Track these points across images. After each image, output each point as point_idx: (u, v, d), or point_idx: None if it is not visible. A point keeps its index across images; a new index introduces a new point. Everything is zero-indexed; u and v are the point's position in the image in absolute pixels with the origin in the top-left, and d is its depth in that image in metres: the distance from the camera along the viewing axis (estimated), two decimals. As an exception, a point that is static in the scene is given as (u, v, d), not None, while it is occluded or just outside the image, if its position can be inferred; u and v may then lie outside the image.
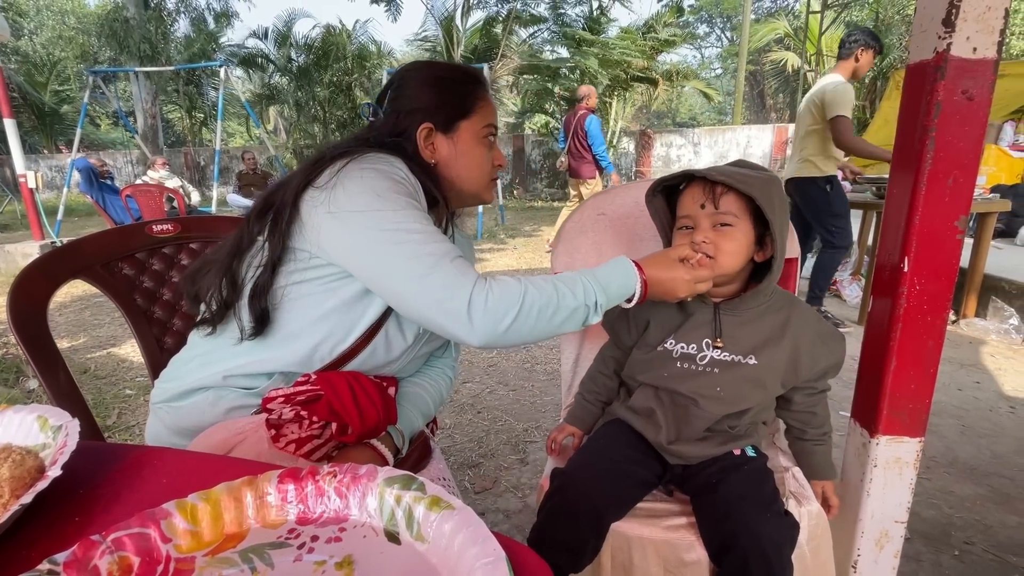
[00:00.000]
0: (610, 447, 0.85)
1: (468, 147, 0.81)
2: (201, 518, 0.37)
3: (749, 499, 0.72)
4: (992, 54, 0.68)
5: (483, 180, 0.84)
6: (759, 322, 0.82)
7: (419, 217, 0.67)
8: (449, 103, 0.79)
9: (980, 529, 1.37)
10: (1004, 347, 2.63)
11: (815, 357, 0.82)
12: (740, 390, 0.80)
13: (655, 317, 0.89)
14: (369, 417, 0.70)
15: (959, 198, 0.73)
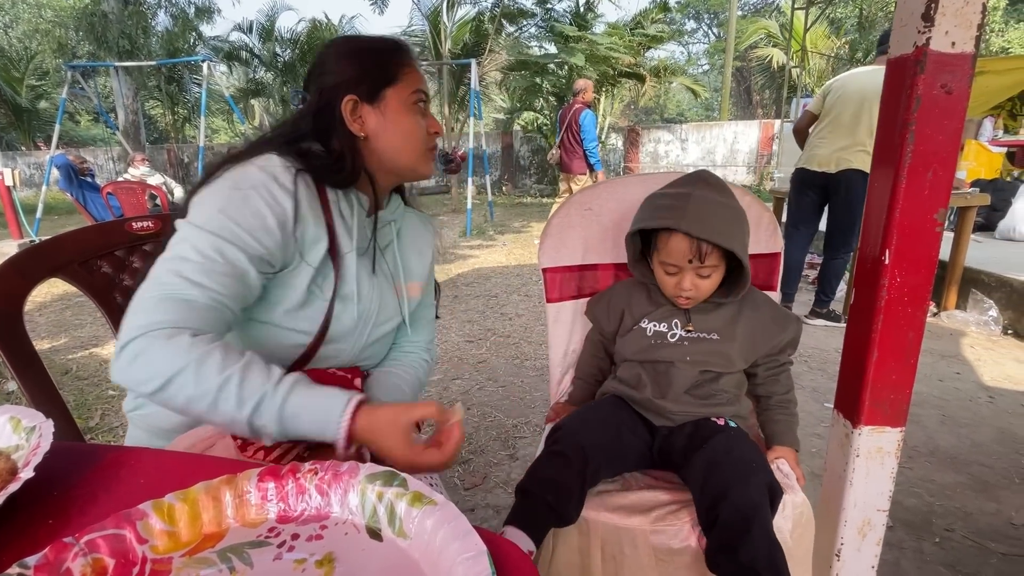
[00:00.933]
0: (601, 409, 0.92)
1: (397, 115, 0.77)
2: (178, 518, 0.36)
3: (731, 461, 0.78)
4: (970, 48, 0.69)
5: (417, 149, 0.79)
6: (720, 310, 0.94)
7: (216, 245, 0.62)
8: (372, 72, 0.76)
9: (960, 516, 1.40)
10: (983, 338, 2.68)
11: (770, 334, 0.94)
12: (706, 356, 0.92)
13: (628, 308, 1.00)
14: None
15: (938, 191, 0.74)
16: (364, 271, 0.79)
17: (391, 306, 0.85)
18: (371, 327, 0.81)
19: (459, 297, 3.78)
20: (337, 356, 0.78)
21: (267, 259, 0.67)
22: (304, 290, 0.71)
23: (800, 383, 2.24)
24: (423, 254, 0.92)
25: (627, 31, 10.08)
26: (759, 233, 1.08)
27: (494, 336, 2.95)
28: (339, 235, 0.75)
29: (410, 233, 0.91)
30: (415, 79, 0.79)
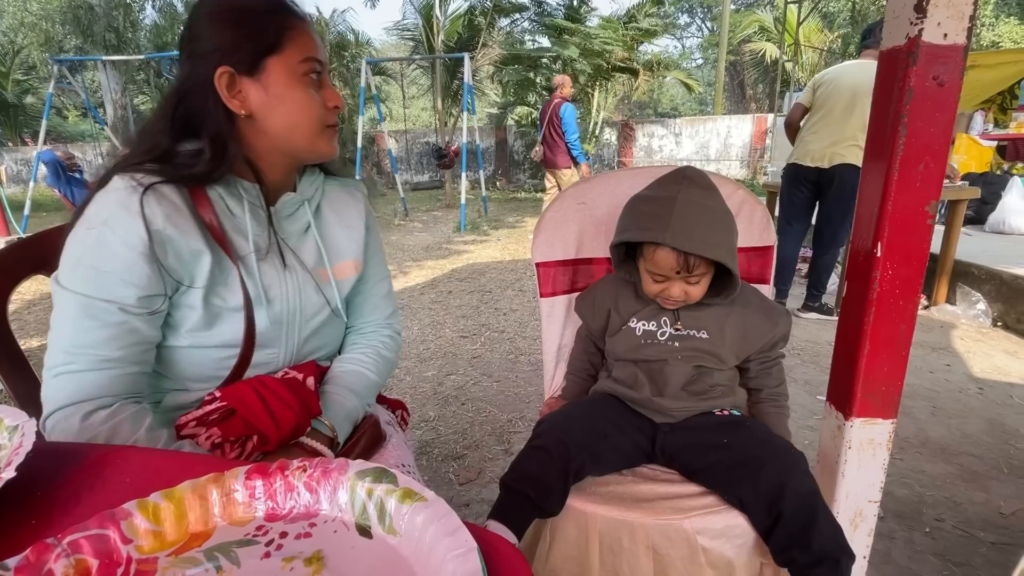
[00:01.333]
0: (591, 407, 0.92)
1: (283, 88, 0.66)
2: (164, 517, 0.35)
3: (771, 445, 0.79)
4: (962, 40, 0.69)
5: (311, 127, 0.69)
6: (709, 309, 0.92)
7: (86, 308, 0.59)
8: (249, 38, 0.64)
9: (950, 506, 1.42)
10: (973, 331, 2.71)
11: (761, 330, 0.92)
12: (696, 353, 0.91)
13: (615, 306, 0.97)
14: (285, 421, 0.65)
15: (930, 183, 0.74)
16: (272, 269, 0.71)
17: (318, 298, 0.76)
18: (298, 325, 0.75)
19: (453, 292, 3.77)
20: (271, 361, 0.73)
21: (146, 296, 0.61)
22: (201, 308, 0.65)
23: (793, 376, 2.25)
24: (352, 227, 0.81)
25: (620, 25, 10.04)
26: (752, 227, 1.08)
27: (488, 331, 2.94)
28: (230, 238, 0.67)
29: (333, 208, 0.80)
30: (305, 44, 0.67)
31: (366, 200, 0.86)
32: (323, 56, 0.70)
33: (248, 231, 0.68)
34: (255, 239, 0.69)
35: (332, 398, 0.75)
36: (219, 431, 0.63)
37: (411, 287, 3.99)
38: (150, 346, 0.65)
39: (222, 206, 0.68)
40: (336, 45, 11.50)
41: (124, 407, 0.61)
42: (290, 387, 0.67)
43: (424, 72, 12.72)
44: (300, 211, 0.76)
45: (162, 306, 0.64)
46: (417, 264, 4.76)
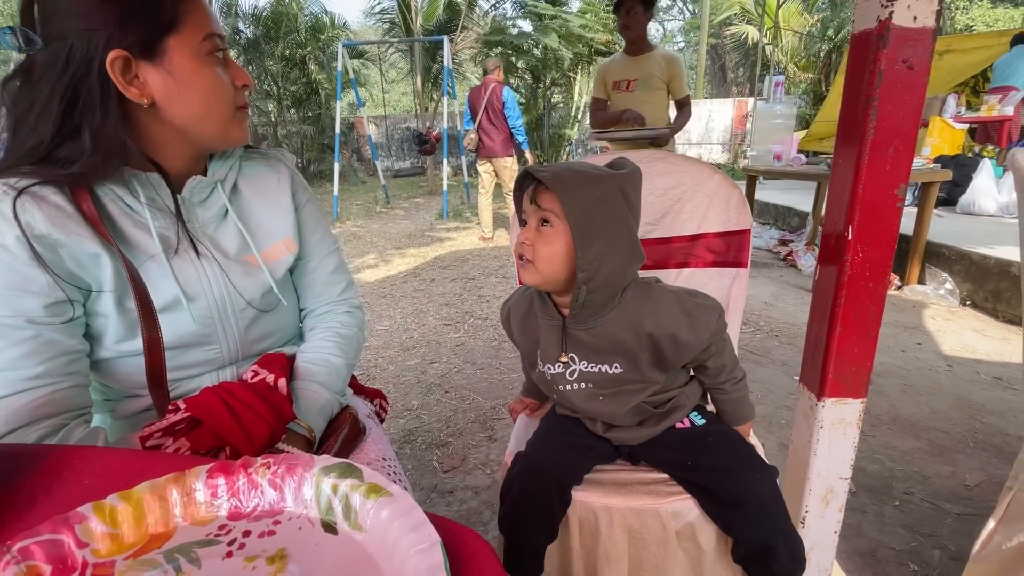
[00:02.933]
0: (565, 425, 0.88)
1: (190, 72, 0.59)
2: (121, 520, 0.34)
3: (735, 468, 0.76)
4: (931, 23, 0.69)
5: (224, 112, 0.63)
6: (604, 329, 0.75)
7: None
8: (142, 15, 0.56)
9: (919, 480, 1.47)
10: (944, 310, 2.79)
11: (680, 341, 0.75)
12: (619, 394, 0.79)
13: (521, 336, 0.86)
14: (258, 433, 0.61)
15: (899, 167, 0.75)
16: (189, 264, 0.66)
17: (250, 284, 0.71)
18: (233, 317, 0.70)
19: (436, 280, 3.74)
20: (216, 358, 0.70)
21: (53, 304, 0.57)
22: (116, 314, 0.61)
23: (771, 357, 2.30)
24: (278, 204, 0.75)
25: (602, 9, 9.94)
26: (728, 211, 1.09)
27: (472, 319, 2.94)
28: (130, 238, 0.62)
29: (253, 187, 0.74)
30: (203, 19, 0.60)
31: (292, 172, 0.79)
32: (221, 30, 0.63)
33: (152, 228, 0.62)
34: (161, 234, 0.63)
35: (301, 394, 0.71)
36: (188, 442, 0.59)
37: (393, 275, 3.96)
38: (75, 356, 0.60)
39: (120, 205, 0.62)
40: (310, 28, 11.18)
41: (72, 432, 0.58)
42: (260, 394, 0.63)
43: (403, 56, 12.47)
44: (214, 195, 0.70)
45: (76, 314, 0.60)
46: (399, 252, 4.71)
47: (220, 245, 0.69)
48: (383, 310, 3.17)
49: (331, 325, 0.81)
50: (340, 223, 6.35)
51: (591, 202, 0.68)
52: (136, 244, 0.62)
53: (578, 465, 0.82)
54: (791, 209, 4.79)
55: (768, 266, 3.78)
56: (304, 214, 0.79)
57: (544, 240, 0.70)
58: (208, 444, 0.61)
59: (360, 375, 2.34)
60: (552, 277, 0.72)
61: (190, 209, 0.68)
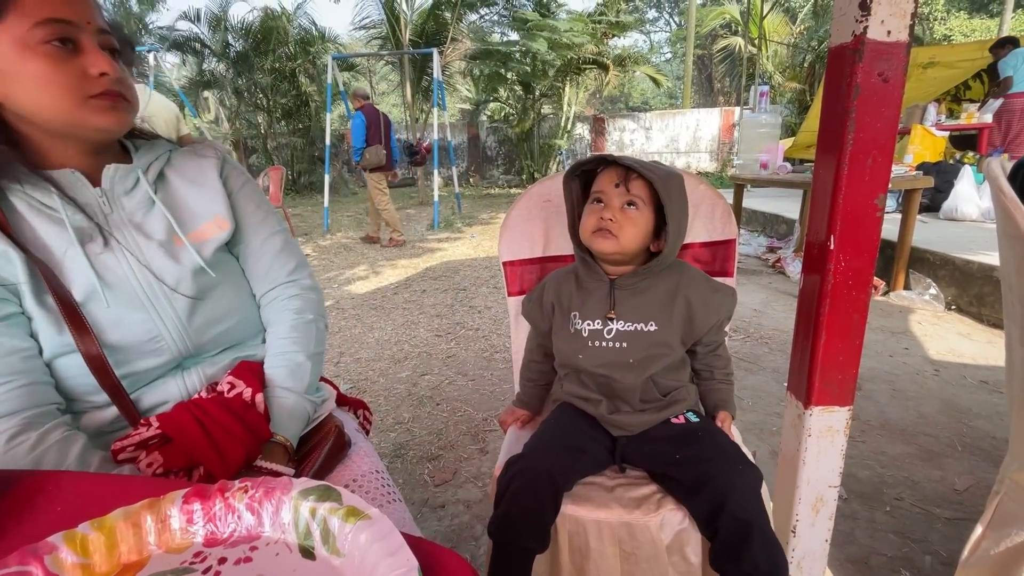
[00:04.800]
0: (561, 425, 0.90)
1: (16, 67, 0.57)
2: (93, 550, 0.34)
3: (718, 460, 0.78)
4: (904, 37, 0.71)
5: (65, 102, 0.59)
6: (651, 291, 0.90)
7: None
8: None
9: (909, 485, 1.48)
10: (930, 315, 2.82)
11: (708, 310, 0.90)
12: (649, 354, 0.88)
13: (558, 299, 0.95)
14: (233, 455, 0.60)
15: (878, 177, 0.76)
16: (108, 252, 0.65)
17: (176, 267, 0.68)
18: (166, 300, 0.67)
19: (427, 291, 3.73)
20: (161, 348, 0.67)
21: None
22: (39, 309, 0.60)
23: (761, 364, 2.31)
24: (206, 185, 0.75)
25: (589, 20, 10.08)
26: (714, 221, 1.10)
27: (463, 330, 2.93)
28: (41, 234, 0.61)
29: (179, 172, 0.74)
30: (39, 4, 0.57)
31: (223, 156, 0.79)
32: (76, 14, 0.59)
33: (67, 222, 0.62)
34: (76, 227, 0.63)
35: (270, 403, 0.69)
36: (161, 457, 0.58)
37: (384, 287, 3.94)
38: (25, 354, 0.60)
39: (30, 202, 0.62)
40: (301, 40, 11.22)
41: (50, 432, 0.58)
42: (236, 414, 0.62)
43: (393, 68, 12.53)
44: (139, 184, 0.70)
45: (11, 310, 0.60)
46: (390, 263, 4.70)
47: (146, 231, 0.69)
48: (374, 322, 3.15)
49: (284, 318, 0.78)
50: (331, 235, 6.33)
51: (673, 191, 0.85)
52: (50, 240, 0.62)
53: (572, 468, 0.82)
54: (779, 216, 4.85)
55: (757, 273, 3.81)
56: (240, 197, 0.79)
57: (630, 220, 0.86)
58: (182, 462, 0.59)
59: (350, 388, 2.31)
60: (629, 250, 0.87)
61: (115, 200, 0.68)
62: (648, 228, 0.87)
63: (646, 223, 0.87)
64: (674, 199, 0.85)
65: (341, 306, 3.52)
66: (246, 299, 0.79)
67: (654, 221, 0.87)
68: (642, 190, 0.86)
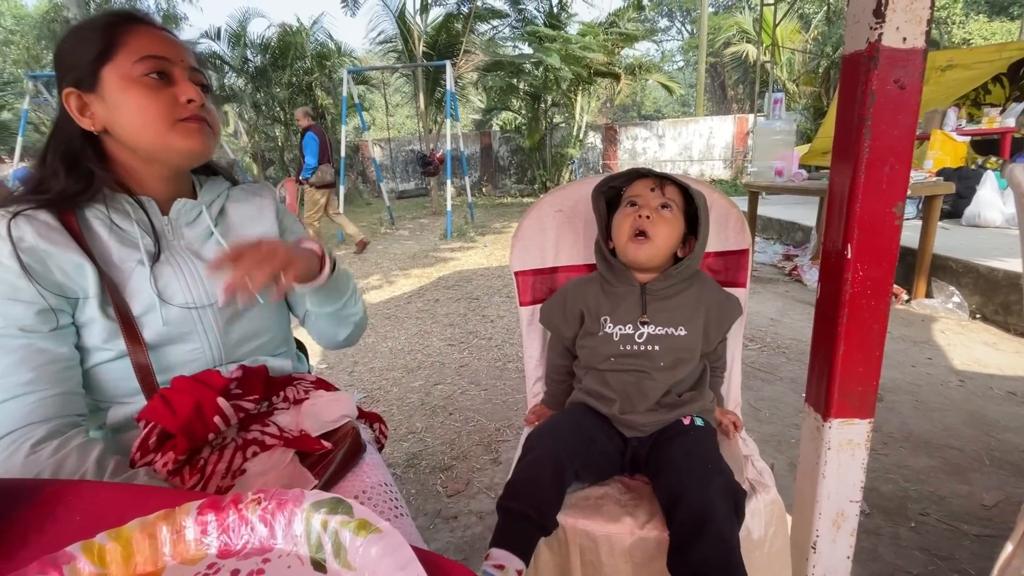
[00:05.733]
0: (573, 415, 0.92)
1: (120, 96, 0.66)
2: (110, 560, 0.34)
3: (692, 460, 0.78)
4: (920, 44, 0.70)
5: (158, 126, 0.67)
6: (678, 297, 0.94)
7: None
8: (81, 53, 0.66)
9: (934, 500, 1.43)
10: (953, 323, 2.75)
11: (721, 317, 0.95)
12: (679, 358, 0.91)
13: (586, 305, 0.97)
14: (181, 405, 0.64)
15: (896, 185, 0.75)
16: (169, 268, 0.72)
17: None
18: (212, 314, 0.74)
19: (440, 301, 3.75)
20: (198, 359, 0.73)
21: (43, 311, 0.63)
22: (101, 319, 0.66)
23: (778, 374, 2.27)
24: (258, 218, 0.84)
25: (601, 31, 10.13)
26: (727, 231, 1.09)
27: (476, 339, 2.93)
28: (114, 253, 0.69)
29: (239, 210, 0.83)
30: (142, 44, 0.67)
31: (274, 195, 0.89)
32: (171, 52, 0.69)
33: (139, 242, 0.70)
34: (146, 245, 0.70)
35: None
36: (173, 455, 0.62)
37: (398, 296, 3.97)
38: (66, 364, 0.65)
39: (107, 224, 0.69)
40: (317, 55, 11.46)
41: (71, 439, 0.61)
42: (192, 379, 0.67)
43: (407, 80, 12.71)
44: (200, 218, 0.78)
45: (64, 322, 0.65)
46: (404, 273, 4.74)
47: (202, 256, 0.77)
48: (387, 331, 3.17)
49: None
50: (345, 245, 6.40)
51: (702, 201, 0.92)
52: (120, 258, 0.69)
53: (579, 450, 0.83)
54: (795, 224, 4.79)
55: (773, 281, 3.76)
56: (290, 234, 0.89)
57: (666, 221, 0.91)
58: (183, 447, 0.63)
59: (364, 397, 2.32)
60: (661, 253, 0.92)
61: (178, 228, 0.76)
62: (680, 232, 0.93)
63: (680, 226, 0.93)
64: (703, 208, 0.91)
65: (355, 315, 3.54)
66: (280, 318, 0.87)
67: (684, 228, 0.94)
68: (676, 196, 0.93)
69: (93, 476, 0.59)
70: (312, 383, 0.83)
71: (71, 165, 0.68)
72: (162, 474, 0.61)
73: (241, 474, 0.65)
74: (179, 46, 0.70)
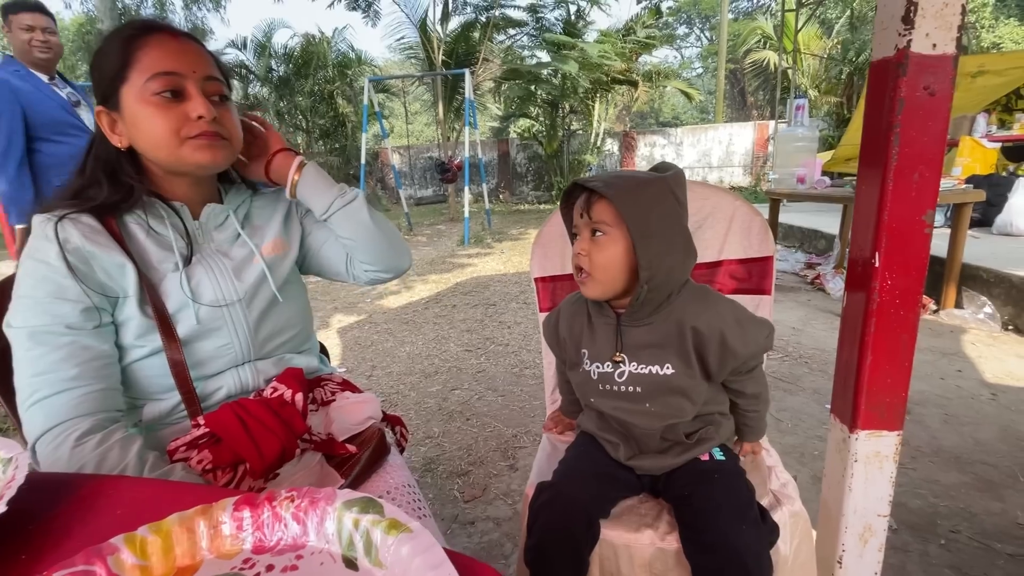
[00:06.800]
0: (589, 455, 0.86)
1: (135, 117, 0.68)
2: (151, 552, 0.35)
3: (723, 510, 0.72)
4: (951, 50, 0.69)
5: (167, 143, 0.69)
6: (664, 327, 0.77)
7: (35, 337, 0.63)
8: (101, 74, 0.69)
9: (965, 517, 1.39)
10: (984, 335, 2.67)
11: (733, 349, 0.76)
12: (668, 402, 0.78)
13: (570, 333, 0.88)
14: (269, 448, 0.66)
15: (925, 193, 0.73)
16: (200, 267, 0.76)
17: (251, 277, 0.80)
18: (241, 308, 0.77)
19: (458, 307, 3.77)
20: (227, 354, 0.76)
21: (87, 308, 0.66)
22: (139, 317, 0.69)
23: (801, 384, 2.23)
24: (274, 217, 0.87)
25: (619, 38, 10.14)
26: (750, 238, 1.08)
27: (493, 345, 2.94)
28: (151, 255, 0.72)
29: (261, 213, 0.87)
30: (154, 60, 0.67)
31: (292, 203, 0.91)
32: (183, 66, 0.69)
33: (173, 245, 0.74)
34: (179, 250, 0.74)
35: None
36: (210, 455, 0.64)
37: (415, 301, 4.00)
38: (107, 361, 0.68)
39: (145, 228, 0.73)
40: (338, 64, 11.69)
41: (113, 433, 0.63)
42: (273, 410, 0.68)
43: (426, 88, 12.88)
44: (228, 220, 0.82)
45: (105, 320, 0.68)
46: (421, 278, 4.77)
47: (230, 255, 0.80)
48: (405, 336, 3.20)
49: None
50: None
51: (645, 203, 0.72)
52: (157, 259, 0.73)
53: (604, 495, 0.79)
54: (817, 232, 4.70)
55: (795, 290, 3.70)
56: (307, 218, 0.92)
57: (599, 248, 0.75)
58: (228, 458, 0.65)
59: (382, 402, 2.34)
60: (611, 284, 0.76)
61: (207, 232, 0.79)
62: (622, 254, 0.74)
63: (618, 249, 0.74)
64: (645, 213, 0.71)
65: (374, 320, 3.59)
66: (305, 314, 0.89)
67: (631, 243, 0.73)
68: (605, 212, 0.73)
69: (134, 469, 0.61)
70: (339, 384, 0.84)
71: (111, 176, 0.72)
72: (197, 470, 0.63)
73: (274, 478, 0.67)
74: (193, 55, 0.71)
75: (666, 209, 0.73)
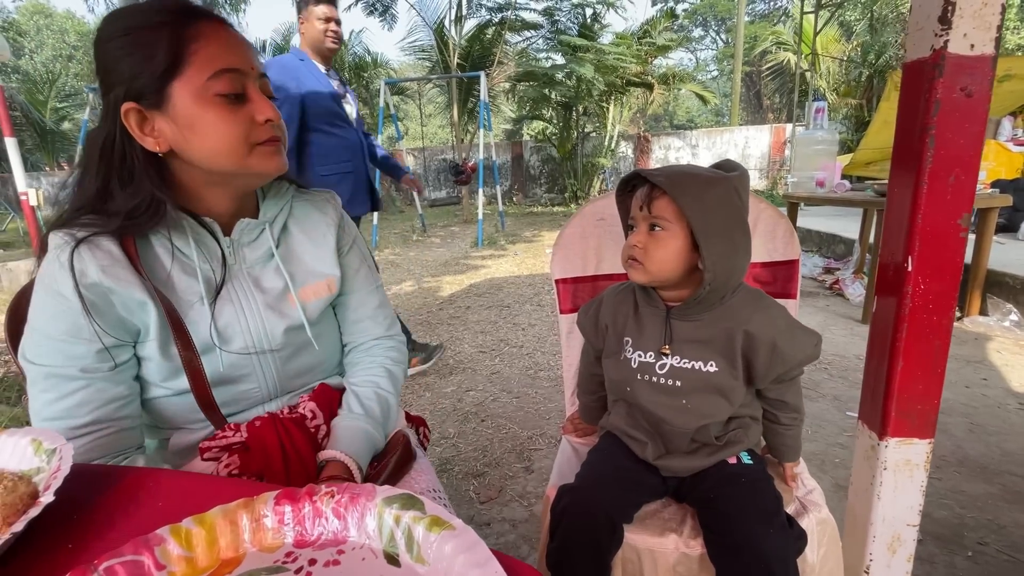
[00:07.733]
0: (612, 458, 0.85)
1: (191, 119, 0.58)
2: (196, 543, 0.36)
3: (750, 514, 0.71)
4: (990, 50, 0.68)
5: (235, 151, 0.60)
6: (715, 326, 0.77)
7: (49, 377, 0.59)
8: (144, 65, 0.56)
9: (993, 529, 1.35)
10: (1010, 343, 2.61)
11: (783, 354, 0.76)
12: (706, 400, 0.77)
13: (613, 321, 0.87)
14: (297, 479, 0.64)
15: (961, 196, 0.72)
16: (229, 305, 0.67)
17: (285, 323, 0.71)
18: (270, 355, 0.71)
19: (472, 308, 3.78)
20: (253, 396, 0.71)
21: (103, 349, 0.60)
22: (160, 359, 0.63)
23: (821, 391, 2.19)
24: (323, 245, 0.76)
25: (634, 40, 10.10)
26: (775, 241, 1.07)
27: (507, 347, 2.94)
28: (176, 283, 0.63)
29: (301, 227, 0.76)
30: (213, 55, 0.58)
31: (338, 212, 0.80)
32: (244, 62, 0.60)
33: (197, 270, 0.64)
34: (207, 277, 0.65)
35: (353, 432, 0.71)
36: (238, 460, 0.63)
37: (429, 302, 4.02)
38: (125, 402, 0.63)
39: (170, 248, 0.64)
40: (354, 66, 11.80)
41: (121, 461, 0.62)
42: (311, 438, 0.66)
43: (441, 90, 12.95)
44: (262, 236, 0.71)
45: (124, 358, 0.63)
46: (435, 279, 4.79)
47: (262, 286, 0.71)
48: (419, 336, 3.21)
49: (380, 361, 0.82)
50: (378, 251, 6.53)
51: (711, 203, 0.72)
52: (183, 289, 0.64)
53: (628, 500, 0.79)
54: (836, 236, 4.63)
55: (813, 295, 3.64)
56: (349, 255, 0.81)
57: (656, 243, 0.75)
58: (254, 468, 0.64)
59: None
60: (663, 276, 0.76)
61: (239, 250, 0.70)
62: (680, 250, 0.74)
63: (677, 245, 0.74)
64: (711, 213, 0.71)
65: (388, 320, 3.60)
66: (335, 350, 0.83)
67: (690, 240, 0.73)
68: (666, 209, 0.73)
69: None
70: None
71: (131, 186, 0.61)
72: (222, 473, 0.63)
73: None
74: (248, 48, 0.62)
75: (731, 210, 0.74)
